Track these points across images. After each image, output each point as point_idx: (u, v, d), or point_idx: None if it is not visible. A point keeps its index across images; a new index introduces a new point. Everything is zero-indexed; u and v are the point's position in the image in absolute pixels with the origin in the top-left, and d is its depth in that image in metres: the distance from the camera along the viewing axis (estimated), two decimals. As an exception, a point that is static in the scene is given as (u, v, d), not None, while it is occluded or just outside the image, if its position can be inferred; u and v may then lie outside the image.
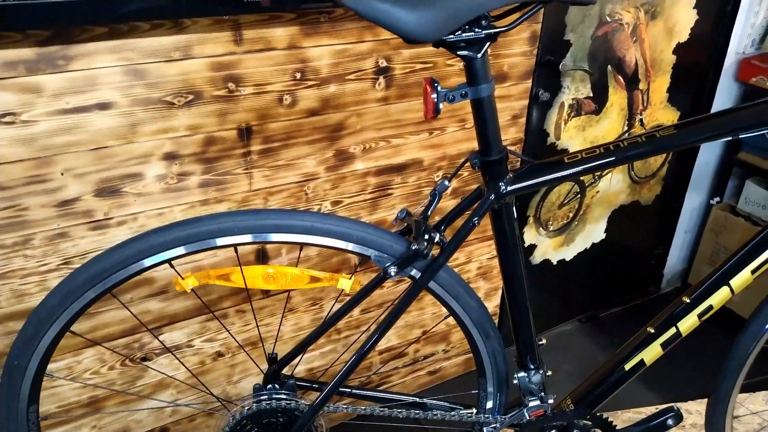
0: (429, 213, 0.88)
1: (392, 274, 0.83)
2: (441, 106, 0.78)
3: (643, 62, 1.79)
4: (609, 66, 1.72)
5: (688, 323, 0.92)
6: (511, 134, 1.59)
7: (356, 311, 1.62)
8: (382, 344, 1.73)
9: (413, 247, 0.83)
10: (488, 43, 0.75)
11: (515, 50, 1.47)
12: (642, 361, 0.97)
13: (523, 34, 1.46)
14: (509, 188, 0.85)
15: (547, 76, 1.60)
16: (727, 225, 2.18)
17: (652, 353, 0.96)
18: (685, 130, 0.81)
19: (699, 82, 2.00)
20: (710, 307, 0.91)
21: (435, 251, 0.91)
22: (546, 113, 1.68)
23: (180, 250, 0.79)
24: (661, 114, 1.95)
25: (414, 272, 0.88)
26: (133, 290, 1.26)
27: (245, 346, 1.47)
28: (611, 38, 1.68)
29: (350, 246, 0.81)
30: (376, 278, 0.90)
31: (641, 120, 1.91)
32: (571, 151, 1.77)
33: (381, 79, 1.33)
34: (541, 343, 1.06)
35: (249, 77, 1.18)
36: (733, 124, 0.81)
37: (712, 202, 2.24)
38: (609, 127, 1.83)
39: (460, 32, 0.71)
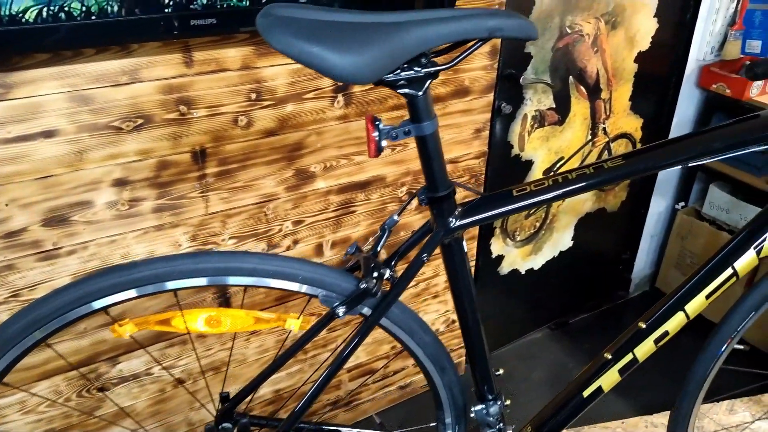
0: (378, 248, 0.86)
1: (340, 314, 0.81)
2: (384, 143, 0.76)
3: (604, 72, 1.80)
4: (571, 77, 1.73)
5: (644, 349, 0.92)
6: (474, 148, 1.58)
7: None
8: (351, 361, 1.70)
9: (361, 286, 0.81)
10: (429, 81, 0.73)
11: (476, 65, 1.46)
12: (600, 388, 0.97)
13: (483, 48, 1.45)
14: (458, 223, 0.84)
15: (509, 89, 1.60)
16: (692, 229, 2.20)
17: (609, 380, 0.96)
18: (633, 159, 0.80)
19: (661, 89, 2.01)
20: (666, 333, 0.91)
21: (387, 287, 0.89)
22: (509, 125, 1.67)
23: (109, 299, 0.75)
24: (625, 122, 1.97)
25: (365, 310, 0.86)
26: (87, 320, 1.22)
27: (207, 373, 1.44)
28: (572, 49, 1.68)
29: (297, 287, 0.79)
30: (324, 318, 0.88)
31: (604, 129, 1.92)
32: (531, 162, 1.78)
33: (340, 97, 1.31)
34: (498, 373, 1.05)
35: (201, 99, 1.15)
36: (681, 154, 0.80)
37: (677, 206, 2.26)
38: (573, 136, 1.84)
39: (398, 71, 0.69)
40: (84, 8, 0.88)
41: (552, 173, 0.84)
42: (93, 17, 0.90)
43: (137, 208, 1.18)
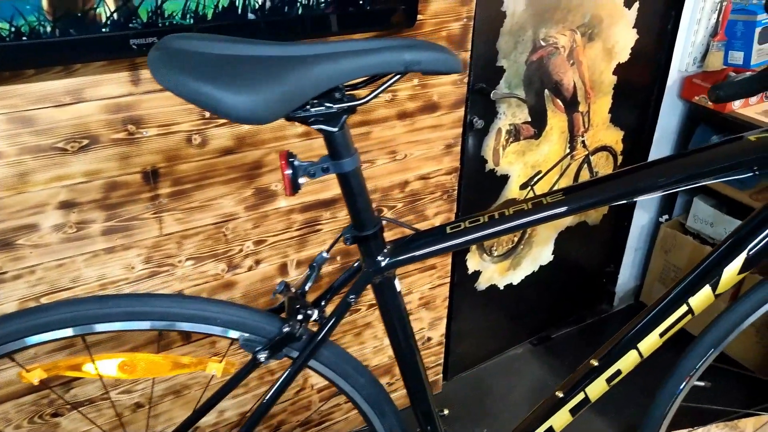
0: (307, 288, 0.81)
1: (262, 360, 0.77)
2: (302, 180, 0.72)
3: (582, 84, 1.76)
4: (546, 90, 1.69)
5: (596, 389, 0.88)
6: (446, 163, 1.54)
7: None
8: (321, 380, 1.66)
9: (284, 329, 0.76)
10: (345, 117, 0.69)
11: (444, 79, 1.42)
12: (551, 428, 0.92)
13: (451, 62, 1.41)
14: (387, 262, 0.79)
15: (480, 103, 1.56)
16: (675, 243, 2.16)
17: (561, 420, 0.92)
18: (575, 195, 0.76)
19: (642, 101, 1.98)
20: (618, 372, 0.87)
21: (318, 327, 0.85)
22: (482, 140, 1.64)
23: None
24: (604, 134, 1.93)
25: (293, 353, 0.81)
26: (36, 346, 1.18)
27: (167, 397, 1.40)
28: (547, 62, 1.64)
29: (216, 330, 0.75)
30: (248, 364, 0.83)
31: (583, 142, 1.88)
32: (507, 176, 1.73)
33: (300, 114, 1.27)
34: (443, 414, 1.00)
35: (151, 118, 1.11)
36: (627, 189, 0.76)
37: (660, 219, 2.22)
38: (550, 150, 1.80)
39: (308, 107, 0.65)
40: (13, 29, 0.84)
41: (493, 207, 0.79)
42: (24, 38, 0.86)
43: (86, 231, 1.14)
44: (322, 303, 0.82)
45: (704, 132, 2.04)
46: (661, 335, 0.85)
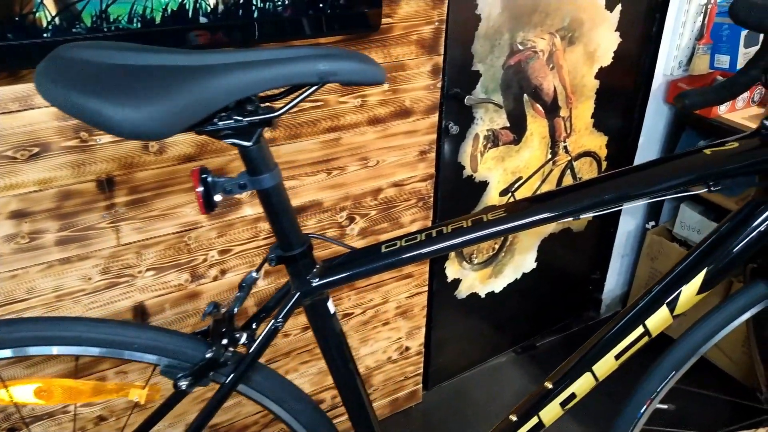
0: (235, 310, 0.77)
1: (183, 387, 0.73)
2: (218, 198, 0.68)
3: (562, 89, 1.72)
4: (525, 95, 1.65)
5: (550, 413, 0.84)
6: (420, 170, 1.51)
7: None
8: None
9: (207, 354, 0.72)
10: (260, 130, 0.65)
11: (417, 84, 1.39)
12: (506, 454, 0.89)
13: (424, 67, 1.37)
14: (316, 284, 0.75)
15: (456, 109, 1.52)
16: (662, 250, 2.12)
17: (516, 445, 0.88)
18: (515, 214, 0.72)
19: (626, 106, 1.94)
20: (573, 395, 0.83)
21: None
22: (459, 146, 1.60)
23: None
24: (588, 140, 1.89)
25: (221, 378, 0.77)
26: (-11, 359, 1.15)
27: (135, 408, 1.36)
28: (525, 67, 1.60)
29: (133, 355, 0.71)
30: (175, 393, 0.77)
31: (566, 147, 1.84)
32: (486, 183, 1.69)
33: (265, 120, 1.23)
34: None
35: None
36: (577, 205, 0.72)
37: (647, 226, 2.18)
38: (531, 156, 1.76)
39: (216, 120, 0.61)
40: (-53, 33, 0.81)
41: (447, 221, 0.75)
42: (-42, 43, 0.82)
43: (39, 241, 1.10)
44: (253, 325, 0.78)
45: (690, 137, 2.00)
46: (617, 357, 0.81)
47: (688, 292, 0.79)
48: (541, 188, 1.85)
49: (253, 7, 1.00)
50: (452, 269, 1.80)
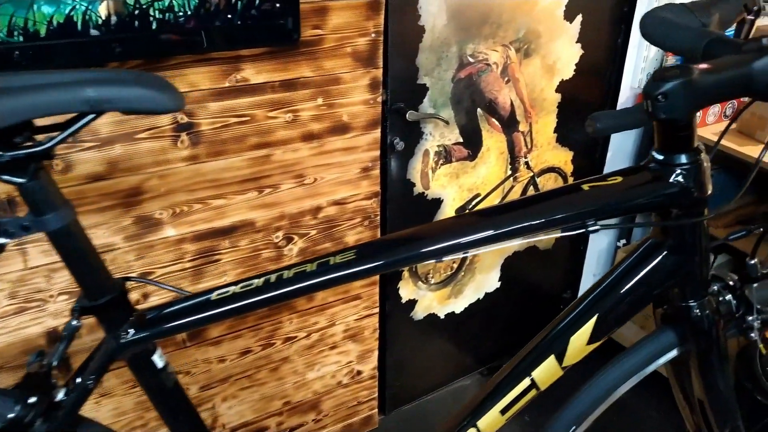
0: (55, 362, 0.70)
1: None
2: (2, 240, 0.61)
3: (520, 103, 1.65)
4: (479, 109, 1.58)
5: None
6: (364, 188, 1.43)
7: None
8: (234, 419, 1.55)
9: (9, 415, 0.65)
10: (34, 165, 0.58)
11: (354, 99, 1.32)
12: None
13: (361, 81, 1.31)
14: (129, 338, 0.67)
15: (401, 124, 1.45)
16: (633, 269, 2.03)
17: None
18: (367, 257, 0.64)
19: (592, 120, 1.86)
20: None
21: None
22: (408, 162, 1.53)
23: None
24: (551, 155, 1.82)
25: None
26: None
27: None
28: (477, 80, 1.53)
29: None
30: None
31: (527, 163, 1.77)
32: (440, 200, 1.60)
33: (184, 137, 1.17)
34: None
35: None
36: (442, 245, 0.64)
37: (618, 244, 2.10)
38: (488, 172, 1.69)
39: None
40: None
41: (291, 264, 0.67)
42: None
43: (-68, 265, 1.04)
44: (78, 380, 0.70)
45: (661, 152, 1.92)
46: (503, 412, 0.73)
47: (578, 342, 0.72)
48: (501, 205, 1.78)
49: (151, 19, 0.94)
50: (407, 290, 1.72)
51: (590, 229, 0.67)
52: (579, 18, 1.64)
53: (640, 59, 1.81)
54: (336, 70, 1.27)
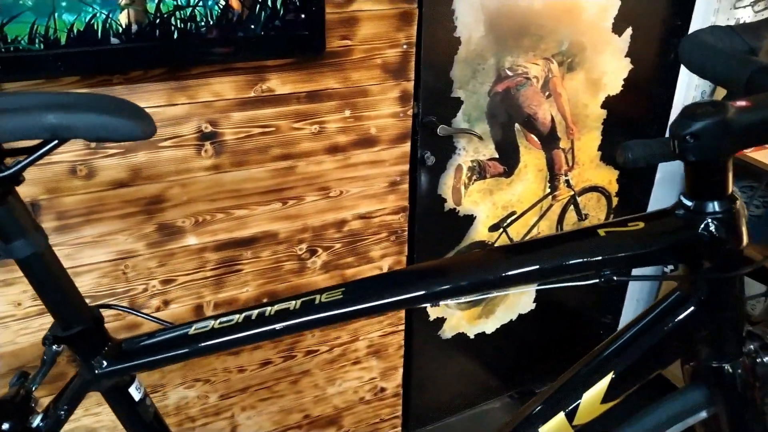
0: (34, 387, 0.67)
1: None
2: None
3: (561, 118, 1.58)
4: (516, 124, 1.52)
5: None
6: (391, 202, 1.40)
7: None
8: (252, 430, 1.53)
9: None
10: (1, 189, 0.56)
11: (382, 111, 1.28)
12: None
13: (390, 93, 1.27)
14: (103, 370, 0.64)
15: (433, 138, 1.40)
16: (680, 297, 1.92)
17: None
18: (356, 297, 0.59)
19: (639, 138, 1.76)
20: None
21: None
22: (439, 177, 1.48)
23: None
24: (594, 174, 1.73)
25: None
26: None
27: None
28: (516, 94, 1.47)
29: None
30: None
31: (567, 181, 1.69)
32: (473, 217, 1.54)
33: (208, 146, 1.16)
34: None
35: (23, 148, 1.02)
36: (441, 288, 0.59)
37: (665, 269, 1.98)
38: (525, 189, 1.62)
39: None
40: None
41: (272, 301, 0.63)
42: None
43: (-42, 265, 1.06)
44: (59, 405, 0.68)
45: (714, 175, 1.80)
46: None
47: (590, 399, 0.66)
48: (538, 224, 1.71)
49: (172, 28, 0.93)
50: (434, 308, 1.67)
51: (604, 280, 0.61)
52: (629, 31, 1.55)
53: (694, 76, 1.70)
54: (364, 81, 1.23)
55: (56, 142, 0.54)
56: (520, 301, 1.82)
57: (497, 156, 1.53)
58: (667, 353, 0.68)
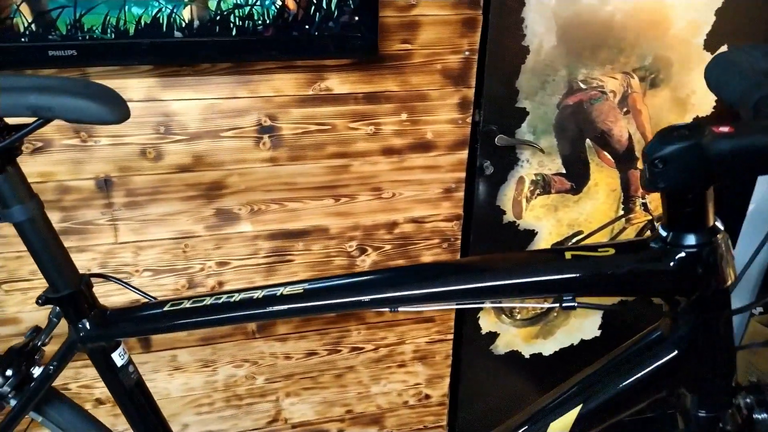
0: (42, 341, 0.73)
1: None
2: None
3: (641, 137, 1.49)
4: (588, 140, 1.45)
5: None
6: (444, 209, 1.39)
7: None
8: (295, 416, 1.58)
9: None
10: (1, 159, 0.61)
11: (440, 117, 1.28)
12: None
13: (449, 99, 1.26)
14: (87, 333, 0.69)
15: (494, 148, 1.38)
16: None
17: None
18: (316, 292, 0.59)
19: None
20: None
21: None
22: (498, 188, 1.45)
23: None
24: (676, 199, 1.61)
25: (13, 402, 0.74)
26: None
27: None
28: (588, 108, 1.41)
29: None
30: None
31: (644, 204, 1.59)
32: (534, 232, 1.49)
33: (266, 138, 1.22)
34: None
35: (102, 128, 1.13)
36: (400, 294, 0.57)
37: (754, 311, 1.81)
38: (594, 209, 1.54)
39: None
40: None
41: (242, 288, 0.64)
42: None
43: (41, 228, 1.19)
44: (53, 363, 0.74)
45: (820, 212, 1.62)
46: None
47: (556, 428, 0.61)
48: (608, 247, 1.61)
49: (231, 25, 0.99)
50: (487, 321, 1.63)
51: (565, 304, 0.58)
52: (723, 49, 1.43)
53: (805, 100, 1.54)
54: (423, 86, 1.24)
55: (41, 120, 0.60)
56: (582, 325, 1.73)
57: (564, 171, 1.47)
58: (638, 397, 0.62)
